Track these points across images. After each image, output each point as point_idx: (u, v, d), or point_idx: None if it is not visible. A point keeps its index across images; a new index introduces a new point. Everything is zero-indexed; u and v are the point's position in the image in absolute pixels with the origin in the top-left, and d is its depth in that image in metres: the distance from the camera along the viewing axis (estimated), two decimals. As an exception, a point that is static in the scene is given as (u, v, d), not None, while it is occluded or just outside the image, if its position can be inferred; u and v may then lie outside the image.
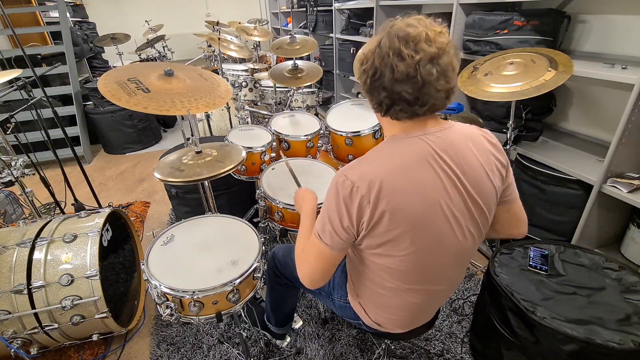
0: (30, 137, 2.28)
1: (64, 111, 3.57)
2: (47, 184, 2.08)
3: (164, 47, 4.40)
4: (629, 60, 1.57)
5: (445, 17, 2.15)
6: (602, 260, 1.25)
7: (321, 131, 1.94)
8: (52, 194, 2.15)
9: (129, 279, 1.70)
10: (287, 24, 5.53)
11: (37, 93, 2.19)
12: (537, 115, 1.88)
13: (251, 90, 2.74)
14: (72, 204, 2.35)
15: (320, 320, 1.64)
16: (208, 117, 3.08)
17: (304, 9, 4.45)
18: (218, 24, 2.93)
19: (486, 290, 1.30)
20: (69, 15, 4.12)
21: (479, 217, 0.84)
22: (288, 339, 1.55)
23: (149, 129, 3.93)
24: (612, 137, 1.35)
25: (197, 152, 1.35)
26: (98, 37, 4.20)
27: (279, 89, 2.65)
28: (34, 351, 1.36)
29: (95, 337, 1.43)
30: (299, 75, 2.26)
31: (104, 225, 1.48)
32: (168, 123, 4.48)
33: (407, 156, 0.77)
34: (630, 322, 1.02)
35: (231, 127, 3.15)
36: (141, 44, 4.04)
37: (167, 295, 1.09)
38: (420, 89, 0.73)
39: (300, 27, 4.79)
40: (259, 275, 1.19)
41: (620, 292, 1.13)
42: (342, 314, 1.11)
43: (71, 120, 3.64)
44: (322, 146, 1.99)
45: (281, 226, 1.50)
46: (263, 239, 1.25)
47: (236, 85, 2.69)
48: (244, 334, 1.57)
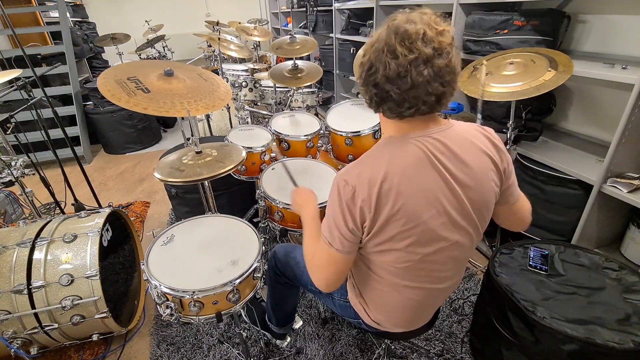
0: (30, 137, 2.28)
1: (64, 111, 3.57)
2: (47, 184, 2.08)
3: (164, 47, 4.40)
4: (629, 60, 1.57)
5: (445, 17, 2.17)
6: (602, 260, 1.25)
7: (321, 131, 1.94)
8: (52, 194, 2.15)
9: (129, 279, 1.70)
10: (287, 24, 5.53)
11: (37, 93, 2.19)
12: (537, 115, 1.88)
13: (251, 90, 2.74)
14: (72, 204, 2.35)
15: (320, 320, 1.64)
16: (208, 117, 3.09)
17: (304, 9, 4.45)
18: (218, 24, 2.93)
19: (486, 290, 1.30)
20: (69, 15, 4.12)
21: (476, 216, 0.84)
22: (288, 339, 1.54)
23: (149, 129, 3.93)
24: (612, 137, 1.35)
25: (197, 152, 1.35)
26: (98, 37, 4.20)
27: (279, 89, 2.65)
28: (34, 351, 1.36)
29: (95, 337, 1.43)
30: (299, 75, 2.26)
31: (104, 225, 1.47)
32: (168, 123, 4.48)
33: (405, 158, 0.77)
34: (630, 322, 1.02)
35: (231, 127, 3.15)
36: (141, 44, 4.04)
37: (167, 295, 1.09)
38: (408, 91, 0.71)
39: (300, 27, 4.79)
40: (259, 275, 1.19)
41: (620, 292, 1.13)
42: (342, 314, 1.11)
43: (71, 120, 3.64)
44: (322, 146, 1.99)
45: (281, 226, 1.50)
46: (263, 239, 1.25)
47: (236, 85, 2.69)
48: (244, 334, 1.56)
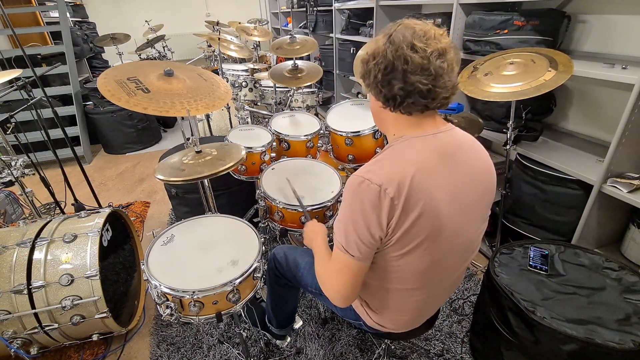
0: (30, 137, 2.28)
1: (64, 111, 3.57)
2: (47, 184, 2.08)
3: (164, 47, 4.40)
4: (629, 60, 1.57)
5: (445, 17, 2.17)
6: (602, 260, 1.25)
7: (321, 131, 1.94)
8: (52, 194, 2.15)
9: (129, 279, 1.70)
10: (287, 24, 5.53)
11: (37, 93, 2.19)
12: (537, 115, 1.88)
13: (251, 90, 2.74)
14: (72, 204, 2.35)
15: (320, 320, 1.64)
16: (208, 117, 3.08)
17: (304, 9, 4.45)
18: (218, 24, 2.93)
19: (486, 290, 1.30)
20: (69, 15, 4.12)
21: (485, 212, 0.87)
22: (288, 339, 1.54)
23: (149, 129, 3.93)
24: (612, 137, 1.35)
25: (197, 152, 1.35)
26: (98, 37, 4.20)
27: (279, 89, 2.65)
28: (34, 351, 1.36)
29: (95, 337, 1.43)
30: (299, 75, 2.26)
31: (104, 225, 1.48)
32: (168, 123, 4.48)
33: (428, 153, 0.78)
34: (630, 322, 1.02)
35: (231, 127, 3.15)
36: (141, 44, 4.05)
37: (167, 295, 1.09)
38: (433, 81, 0.75)
39: (300, 27, 4.79)
40: (259, 275, 1.19)
41: (620, 292, 1.13)
42: (343, 315, 1.11)
43: (71, 120, 3.64)
44: (322, 146, 1.99)
45: (281, 226, 1.50)
46: (263, 239, 1.25)
47: (236, 85, 2.69)
48: (244, 334, 1.56)
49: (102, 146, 3.88)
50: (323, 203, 1.44)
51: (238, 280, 1.10)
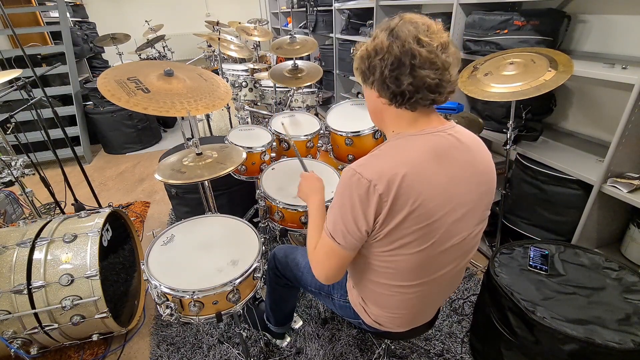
0: (30, 137, 2.28)
1: (64, 111, 3.57)
2: (47, 184, 2.08)
3: (164, 47, 4.39)
4: (629, 60, 1.57)
5: (445, 17, 2.17)
6: (602, 260, 1.25)
7: (321, 131, 1.94)
8: (52, 194, 2.15)
9: (129, 279, 1.70)
10: (287, 24, 5.53)
11: (37, 93, 2.19)
12: (537, 115, 1.87)
13: (251, 90, 2.74)
14: (72, 204, 2.35)
15: (320, 320, 1.64)
16: (208, 117, 3.09)
17: (304, 9, 4.44)
18: (218, 24, 2.93)
19: (486, 290, 1.30)
20: (69, 15, 4.12)
21: (484, 213, 0.86)
22: (288, 338, 1.55)
23: (148, 129, 3.93)
24: (612, 137, 1.35)
25: (198, 154, 1.35)
26: (98, 37, 4.20)
27: (279, 89, 2.65)
28: (34, 351, 1.36)
29: (95, 337, 1.43)
30: (299, 75, 2.26)
31: (104, 225, 1.48)
32: (168, 123, 4.48)
33: (424, 152, 0.77)
34: (630, 322, 1.02)
35: (231, 127, 3.15)
36: (141, 44, 4.04)
37: (167, 295, 1.09)
38: (441, 74, 0.75)
39: (300, 27, 4.79)
40: (259, 275, 1.19)
41: (620, 292, 1.13)
42: (342, 314, 1.11)
43: (71, 120, 3.64)
44: (322, 146, 1.99)
45: (281, 226, 1.49)
46: (263, 239, 1.25)
47: (236, 85, 2.69)
48: (244, 334, 1.56)
49: (102, 146, 3.88)
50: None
51: (238, 280, 1.10)
